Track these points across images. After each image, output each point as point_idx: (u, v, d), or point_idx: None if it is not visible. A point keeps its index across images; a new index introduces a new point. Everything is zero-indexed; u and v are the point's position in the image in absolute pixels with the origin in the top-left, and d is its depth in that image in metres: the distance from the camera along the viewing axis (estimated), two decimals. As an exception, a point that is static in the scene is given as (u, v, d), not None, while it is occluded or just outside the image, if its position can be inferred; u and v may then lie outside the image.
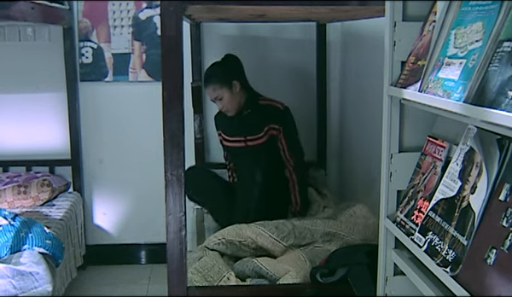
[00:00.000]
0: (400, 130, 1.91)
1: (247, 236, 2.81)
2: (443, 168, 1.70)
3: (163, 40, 1.99)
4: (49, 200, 4.22)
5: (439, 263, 1.50)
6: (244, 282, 2.62)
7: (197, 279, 2.53)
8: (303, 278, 2.47)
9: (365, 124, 3.81)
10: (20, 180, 4.20)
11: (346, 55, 4.34)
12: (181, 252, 2.09)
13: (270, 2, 2.32)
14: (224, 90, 3.53)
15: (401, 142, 1.92)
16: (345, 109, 4.39)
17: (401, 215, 1.84)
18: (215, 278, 2.57)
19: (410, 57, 1.82)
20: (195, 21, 4.16)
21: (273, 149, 3.51)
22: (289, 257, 2.69)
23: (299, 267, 2.55)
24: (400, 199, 1.92)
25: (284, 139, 3.49)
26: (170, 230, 2.06)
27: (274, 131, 3.49)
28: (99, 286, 4.24)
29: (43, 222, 3.58)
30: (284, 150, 3.49)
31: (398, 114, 1.89)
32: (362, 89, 3.92)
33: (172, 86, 1.98)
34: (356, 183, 4.13)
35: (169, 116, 2.00)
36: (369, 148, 3.68)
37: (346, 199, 4.06)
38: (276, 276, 2.53)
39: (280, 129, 3.49)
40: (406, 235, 1.75)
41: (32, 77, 4.42)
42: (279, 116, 3.53)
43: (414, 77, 1.73)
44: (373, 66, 3.56)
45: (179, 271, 2.11)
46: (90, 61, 4.39)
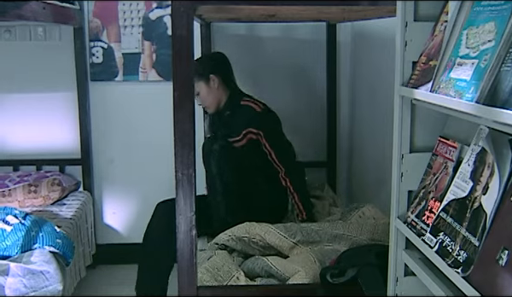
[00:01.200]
0: (411, 130, 1.91)
1: (256, 233, 2.81)
2: (454, 169, 1.69)
3: (174, 40, 1.99)
4: (60, 200, 4.24)
5: (450, 263, 1.49)
6: (253, 280, 2.62)
7: (207, 279, 2.53)
8: (312, 278, 2.47)
9: (375, 124, 3.81)
10: (30, 179, 4.22)
11: (357, 55, 4.33)
12: (191, 252, 2.09)
13: (281, 2, 2.32)
14: (200, 83, 3.45)
15: (412, 142, 1.92)
16: (355, 110, 4.38)
17: (412, 215, 1.84)
18: (224, 278, 2.57)
19: (422, 57, 1.81)
20: (206, 21, 4.16)
21: (255, 155, 3.34)
22: (299, 257, 2.68)
23: (309, 267, 2.55)
24: (411, 199, 1.92)
25: (268, 145, 3.32)
26: (180, 229, 2.06)
27: (253, 136, 3.32)
28: (109, 285, 4.25)
29: (54, 221, 3.59)
30: (272, 156, 3.33)
31: (409, 115, 1.88)
32: (372, 89, 3.91)
33: (183, 86, 1.98)
34: (365, 183, 4.13)
35: (180, 116, 2.00)
36: (380, 149, 3.67)
37: (356, 199, 4.06)
38: (285, 275, 2.53)
39: (260, 133, 3.32)
40: (417, 236, 1.74)
41: (43, 76, 4.43)
42: (256, 119, 3.37)
43: (425, 77, 1.73)
44: (383, 67, 3.55)
45: (189, 271, 2.12)
46: (101, 61, 4.41)
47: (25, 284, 2.92)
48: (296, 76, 4.50)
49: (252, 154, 3.33)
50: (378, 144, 3.74)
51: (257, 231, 2.80)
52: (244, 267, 2.69)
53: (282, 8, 2.73)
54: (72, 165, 4.52)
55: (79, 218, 4.05)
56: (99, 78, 4.43)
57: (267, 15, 3.38)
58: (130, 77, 4.42)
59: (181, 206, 2.04)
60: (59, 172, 4.46)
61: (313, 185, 4.19)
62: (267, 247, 2.79)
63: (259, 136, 3.32)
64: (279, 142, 3.43)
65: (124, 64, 4.41)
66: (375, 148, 3.85)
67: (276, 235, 2.78)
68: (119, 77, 4.42)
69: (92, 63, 4.41)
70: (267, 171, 3.34)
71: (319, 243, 2.84)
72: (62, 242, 3.33)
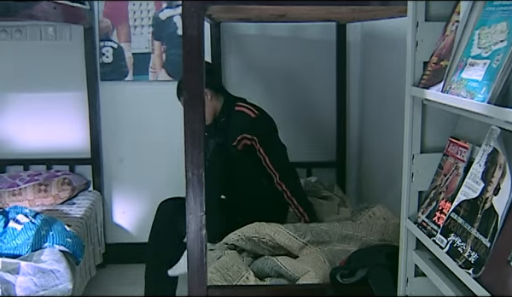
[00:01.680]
0: (422, 130, 1.90)
1: (266, 233, 2.81)
2: (465, 169, 1.69)
3: (184, 40, 1.99)
4: (70, 199, 4.25)
5: (461, 264, 1.49)
6: (263, 280, 2.62)
7: (216, 278, 2.53)
8: (322, 278, 2.47)
9: (385, 124, 3.80)
10: (40, 179, 4.23)
11: (366, 55, 4.33)
12: (201, 251, 2.09)
13: (291, 2, 2.31)
14: None
15: (423, 142, 1.91)
16: (364, 110, 4.38)
17: (422, 216, 1.83)
18: (234, 278, 2.57)
19: (433, 57, 1.81)
20: (215, 21, 4.17)
21: (251, 161, 3.31)
22: (308, 257, 2.68)
23: (319, 267, 2.55)
24: (422, 200, 1.91)
25: (263, 150, 3.28)
26: (190, 229, 2.06)
27: (247, 141, 3.29)
28: (118, 285, 4.26)
29: (64, 220, 3.60)
30: (266, 162, 3.29)
31: (420, 115, 1.88)
32: (382, 89, 3.90)
33: (194, 86, 1.99)
34: (375, 183, 4.12)
35: (190, 115, 2.00)
36: (389, 149, 3.66)
37: (365, 199, 4.06)
38: (295, 275, 2.52)
39: (254, 139, 3.28)
40: (428, 237, 1.74)
41: (53, 76, 4.45)
42: (250, 125, 3.34)
43: (436, 77, 1.72)
44: (393, 67, 3.54)
45: (199, 271, 2.12)
46: (111, 61, 4.42)
47: (35, 283, 2.94)
48: (306, 76, 4.49)
49: (247, 159, 3.31)
50: (388, 144, 3.73)
51: (266, 231, 2.80)
52: (254, 267, 2.69)
53: (291, 8, 2.73)
54: (82, 164, 4.53)
55: (89, 217, 4.06)
56: (109, 77, 4.44)
57: (277, 15, 3.38)
58: (140, 77, 4.43)
59: (191, 206, 2.04)
60: (69, 172, 4.47)
61: (322, 185, 4.19)
62: (277, 247, 2.79)
63: (254, 141, 3.28)
64: (273, 147, 3.39)
65: (134, 64, 4.42)
66: (384, 149, 3.85)
67: (286, 236, 2.78)
68: (129, 77, 4.43)
69: (102, 63, 4.42)
70: (263, 176, 3.31)
71: (329, 243, 2.84)
72: (72, 241, 3.34)
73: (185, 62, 1.98)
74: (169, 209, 3.39)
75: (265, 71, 4.50)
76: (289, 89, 4.50)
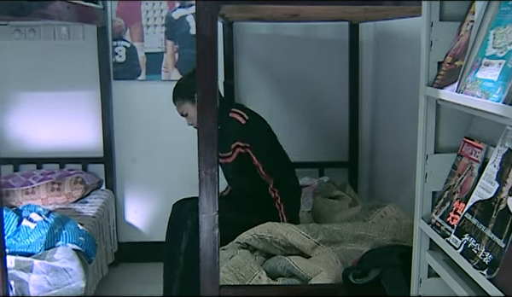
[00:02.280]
0: (436, 130, 1.89)
1: (278, 233, 2.80)
2: (480, 170, 1.68)
3: (198, 40, 2.00)
4: (82, 198, 4.27)
5: (475, 265, 1.48)
6: (275, 280, 2.62)
7: (229, 278, 2.53)
8: (335, 279, 2.46)
9: (397, 124, 3.79)
10: (53, 177, 4.25)
11: (379, 55, 4.32)
12: (214, 251, 2.09)
13: (304, 2, 2.31)
14: (186, 105, 3.39)
15: (437, 142, 1.90)
16: (377, 110, 4.37)
17: (436, 216, 1.83)
18: (246, 277, 2.57)
19: (447, 57, 1.80)
20: (228, 21, 4.17)
21: (247, 169, 3.28)
22: (321, 257, 2.68)
23: (331, 267, 2.54)
24: (435, 200, 1.91)
25: (256, 158, 3.22)
26: (203, 228, 2.07)
27: (241, 149, 3.24)
28: (131, 283, 4.27)
29: (76, 219, 3.62)
30: (260, 169, 3.23)
31: (434, 115, 1.87)
32: (394, 89, 3.90)
33: (207, 86, 1.99)
34: (387, 183, 4.12)
35: (204, 115, 2.00)
36: (402, 149, 3.66)
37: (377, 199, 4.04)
38: (307, 275, 2.52)
39: (248, 146, 3.23)
40: (441, 237, 1.73)
41: (66, 75, 4.47)
42: (242, 132, 3.26)
43: (451, 77, 1.72)
44: (406, 67, 3.54)
45: (212, 270, 2.12)
46: (124, 60, 4.43)
47: (48, 281, 2.95)
48: (318, 76, 4.49)
49: (243, 168, 3.28)
50: (400, 145, 3.72)
51: (279, 231, 2.80)
52: (266, 267, 2.69)
53: (304, 8, 2.73)
54: (94, 163, 4.55)
55: (102, 216, 4.08)
56: (122, 77, 4.46)
57: (290, 15, 3.37)
58: (153, 76, 4.44)
59: (204, 205, 2.04)
60: (82, 171, 4.49)
61: (335, 185, 4.19)
62: (289, 246, 2.79)
63: (247, 149, 3.23)
64: (267, 153, 3.29)
65: (146, 63, 4.43)
66: (397, 149, 3.84)
67: (298, 235, 2.77)
68: (142, 76, 4.45)
69: (115, 62, 4.44)
70: (260, 183, 3.27)
71: (341, 243, 2.83)
72: (85, 240, 3.35)
73: (199, 62, 1.99)
74: (183, 210, 3.36)
75: (278, 71, 4.50)
76: (302, 89, 4.50)
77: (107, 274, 4.05)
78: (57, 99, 4.50)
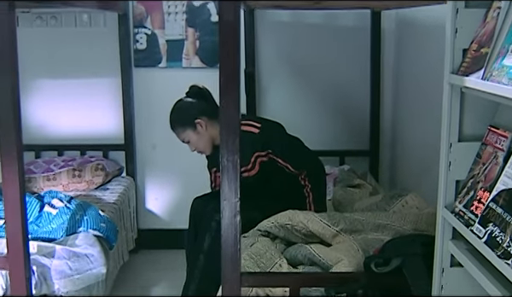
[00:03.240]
0: (460, 119, 1.87)
1: (299, 221, 2.79)
2: (505, 158, 1.66)
3: (221, 26, 1.98)
4: (103, 185, 4.29)
5: (499, 255, 1.47)
6: (296, 268, 2.62)
7: (249, 265, 2.53)
8: (356, 267, 2.45)
9: (420, 112, 3.76)
10: (74, 164, 4.27)
11: (401, 42, 4.29)
12: (235, 238, 2.09)
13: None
14: (187, 133, 3.31)
15: (461, 131, 1.88)
16: (398, 98, 4.34)
17: (460, 205, 1.81)
18: (267, 265, 2.57)
19: (473, 45, 1.77)
20: (249, 8, 4.16)
21: (272, 174, 3.22)
22: (342, 245, 2.67)
23: (352, 256, 2.53)
24: (459, 189, 1.89)
25: (282, 160, 3.15)
26: (225, 215, 2.06)
27: (263, 158, 3.17)
28: (151, 270, 4.30)
29: (97, 205, 3.64)
30: (290, 169, 3.17)
31: (458, 103, 1.85)
32: (416, 77, 3.87)
33: (230, 72, 1.97)
34: (408, 172, 4.09)
35: (226, 102, 1.99)
36: (424, 138, 3.63)
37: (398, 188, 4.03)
38: (328, 263, 2.51)
39: (269, 153, 3.15)
40: (465, 226, 1.71)
41: (88, 62, 4.49)
42: (258, 141, 3.14)
43: (476, 65, 1.69)
44: (428, 55, 3.51)
45: (233, 257, 2.11)
46: (145, 47, 4.44)
47: (70, 266, 2.97)
48: (339, 64, 4.47)
49: (269, 175, 3.22)
50: (422, 133, 3.70)
51: (300, 219, 2.79)
52: (287, 254, 2.69)
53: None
54: (115, 150, 4.57)
55: (122, 202, 4.10)
56: (143, 64, 4.47)
57: (312, 2, 3.35)
58: (174, 63, 4.45)
59: (226, 192, 2.03)
60: (102, 158, 4.51)
61: (355, 174, 4.17)
62: (310, 234, 2.78)
63: (269, 155, 3.16)
64: (290, 152, 3.22)
65: (167, 50, 4.44)
66: (418, 137, 3.81)
67: (319, 224, 2.76)
68: (163, 63, 4.45)
69: (136, 49, 4.45)
70: (289, 180, 3.22)
71: (362, 232, 2.81)
72: (106, 226, 3.37)
73: (221, 48, 1.97)
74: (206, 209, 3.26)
75: (299, 59, 4.49)
76: (323, 77, 4.48)
77: (127, 260, 4.08)
78: (78, 86, 4.52)
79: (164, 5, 4.38)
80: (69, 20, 4.41)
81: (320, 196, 3.26)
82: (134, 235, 4.43)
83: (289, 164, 3.16)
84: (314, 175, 3.23)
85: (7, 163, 2.21)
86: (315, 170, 3.27)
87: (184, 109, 3.35)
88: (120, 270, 3.87)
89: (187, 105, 3.35)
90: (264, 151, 3.15)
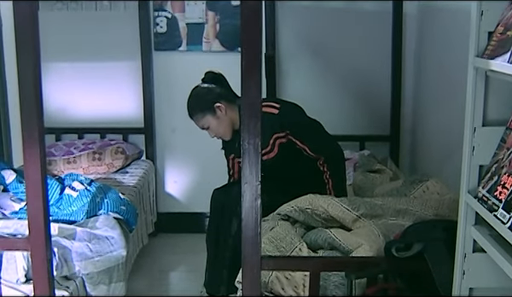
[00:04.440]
0: (484, 103, 1.85)
1: (319, 205, 2.78)
2: (530, 143, 1.64)
3: (243, 8, 1.97)
4: (123, 168, 4.31)
5: (524, 240, 1.45)
6: (316, 252, 2.61)
7: (269, 249, 2.53)
8: (376, 252, 2.44)
9: (442, 97, 3.73)
10: (94, 147, 4.29)
11: (423, 27, 4.24)
12: (256, 221, 2.08)
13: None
14: (206, 118, 3.28)
15: (485, 115, 1.85)
16: (420, 82, 4.31)
17: (483, 190, 1.79)
18: (287, 249, 2.57)
19: (499, 28, 1.75)
20: (270, -7, 4.14)
21: (292, 156, 3.19)
22: (362, 230, 2.66)
23: (373, 241, 2.52)
24: (482, 174, 1.87)
25: (300, 142, 3.12)
26: (245, 198, 2.05)
27: (282, 139, 3.14)
28: (170, 253, 4.32)
29: (117, 188, 3.65)
30: (307, 152, 3.14)
31: (483, 86, 1.82)
32: (439, 61, 3.83)
33: (252, 55, 1.96)
34: (429, 157, 4.07)
35: (247, 85, 1.98)
36: (445, 122, 3.60)
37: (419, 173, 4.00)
38: (348, 248, 2.50)
39: (287, 134, 3.12)
40: (488, 211, 1.70)
41: (108, 46, 4.50)
42: (278, 122, 3.11)
43: (502, 48, 1.67)
44: (451, 38, 3.47)
45: (254, 241, 2.11)
46: (165, 31, 4.44)
47: (90, 249, 2.99)
48: (360, 48, 4.44)
49: (288, 158, 3.19)
50: (444, 118, 3.67)
51: (320, 203, 2.78)
52: (306, 239, 2.68)
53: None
54: (135, 133, 4.58)
55: (142, 186, 4.11)
56: (163, 47, 4.47)
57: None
58: (194, 47, 4.44)
59: (247, 175, 2.03)
60: (122, 141, 4.53)
61: (375, 159, 4.15)
62: (330, 219, 2.77)
63: (289, 136, 3.13)
64: (309, 133, 3.19)
65: (187, 34, 4.43)
66: (440, 122, 3.78)
67: (340, 208, 2.75)
68: (183, 47, 4.45)
69: (156, 33, 4.44)
70: (308, 165, 3.19)
71: (382, 217, 2.80)
72: (126, 209, 3.38)
73: (243, 31, 1.96)
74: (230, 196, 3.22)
75: (319, 43, 4.46)
76: (343, 61, 4.45)
77: (146, 244, 4.09)
78: (99, 69, 4.53)
79: (184, -12, 4.37)
80: (90, 4, 4.42)
81: (339, 182, 3.23)
82: (153, 218, 4.45)
83: (307, 146, 3.14)
84: (333, 161, 3.20)
85: (28, 145, 2.21)
86: (334, 155, 3.24)
87: (203, 95, 3.32)
88: (140, 253, 3.89)
89: (205, 91, 3.32)
90: (283, 132, 3.12)
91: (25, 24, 2.14)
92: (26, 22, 2.14)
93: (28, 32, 2.15)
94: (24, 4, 2.13)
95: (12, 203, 3.35)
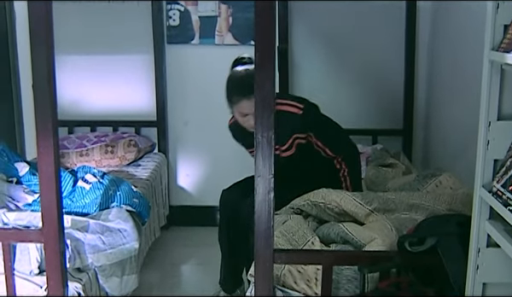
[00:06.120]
0: (500, 97, 1.83)
1: (332, 199, 2.78)
2: (546, 138, 1.63)
3: (257, 1, 1.97)
4: (135, 161, 4.32)
5: (539, 235, 1.44)
6: (328, 246, 2.61)
7: (282, 242, 2.53)
8: (389, 246, 2.43)
9: (456, 91, 3.71)
10: (107, 140, 4.30)
11: (437, 20, 4.22)
12: (269, 214, 2.08)
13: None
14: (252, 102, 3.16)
15: (500, 109, 1.84)
16: (433, 76, 4.28)
17: (498, 185, 1.78)
18: (299, 242, 2.57)
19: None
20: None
21: (308, 156, 3.15)
22: (375, 224, 2.65)
23: (385, 235, 2.51)
24: (497, 168, 1.85)
25: (321, 143, 3.11)
26: (258, 191, 2.05)
27: (302, 140, 3.12)
28: (182, 246, 4.33)
29: (130, 181, 3.66)
30: (327, 152, 3.13)
31: (498, 80, 1.81)
32: (453, 55, 3.81)
33: (265, 48, 1.96)
34: (442, 152, 4.05)
35: (261, 78, 1.98)
36: (459, 117, 3.58)
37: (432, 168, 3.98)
38: (361, 242, 2.50)
39: (309, 136, 3.11)
40: (503, 206, 1.68)
41: (121, 39, 4.50)
42: (299, 124, 3.09)
43: (518, 41, 1.66)
44: (465, 32, 3.45)
45: (266, 234, 2.11)
46: (178, 24, 4.44)
47: (103, 241, 3.00)
48: (373, 41, 4.42)
49: (303, 157, 3.16)
50: (457, 112, 3.64)
51: (333, 197, 2.77)
52: (319, 232, 2.68)
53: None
54: (147, 126, 4.59)
55: (154, 179, 4.12)
56: (175, 40, 4.47)
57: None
58: (207, 40, 4.44)
59: (260, 168, 2.03)
60: (135, 134, 4.53)
61: (388, 153, 4.14)
62: (342, 213, 2.77)
63: (309, 137, 3.12)
64: (330, 135, 3.20)
65: (200, 27, 4.43)
66: (453, 117, 3.76)
67: (352, 202, 2.74)
68: (196, 40, 4.45)
69: (169, 26, 4.44)
70: (323, 163, 3.18)
71: (395, 212, 2.79)
72: (139, 202, 3.39)
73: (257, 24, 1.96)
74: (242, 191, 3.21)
75: (332, 36, 4.44)
76: (356, 54, 4.43)
77: (159, 236, 4.10)
78: (111, 62, 4.54)
79: (197, -19, 4.37)
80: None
81: (357, 180, 3.24)
82: (165, 211, 4.46)
83: (328, 148, 3.13)
84: (351, 159, 3.21)
85: (42, 138, 2.22)
86: (352, 154, 3.26)
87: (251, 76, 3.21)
88: (151, 246, 3.90)
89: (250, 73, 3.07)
90: (304, 133, 3.11)
91: (39, 16, 2.15)
92: (40, 15, 2.15)
93: (42, 24, 2.16)
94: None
95: (25, 195, 3.37)
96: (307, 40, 4.46)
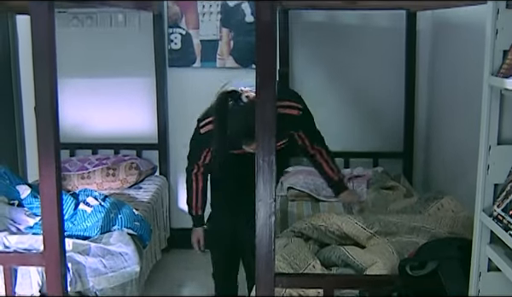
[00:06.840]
0: (500, 121, 1.84)
1: (333, 222, 2.78)
2: (546, 162, 1.63)
3: (258, 26, 1.98)
4: (136, 183, 4.33)
5: (540, 260, 1.44)
6: (329, 269, 2.61)
7: (283, 266, 2.52)
8: (390, 270, 2.43)
9: (455, 115, 3.72)
10: (108, 163, 4.31)
11: (437, 44, 4.24)
12: (270, 238, 2.08)
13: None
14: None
15: (500, 133, 1.85)
16: (434, 100, 4.30)
17: (498, 209, 1.78)
18: (301, 266, 2.56)
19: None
20: (284, 8, 4.15)
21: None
22: (376, 248, 2.65)
23: (387, 258, 2.51)
24: (497, 193, 1.86)
25: (308, 140, 3.12)
26: (259, 216, 2.05)
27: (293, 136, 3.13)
28: (183, 269, 4.32)
29: (131, 204, 3.67)
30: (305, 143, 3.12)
31: (498, 105, 1.82)
32: (452, 79, 3.82)
33: (266, 71, 1.97)
34: (443, 175, 4.05)
35: (262, 101, 1.99)
36: (459, 140, 3.59)
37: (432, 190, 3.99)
38: (362, 265, 2.50)
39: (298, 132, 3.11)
40: (504, 230, 1.69)
41: (122, 62, 4.53)
42: (297, 123, 3.08)
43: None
44: (465, 57, 3.47)
45: (267, 258, 2.11)
46: (179, 47, 4.46)
47: (104, 264, 2.99)
48: (373, 65, 4.44)
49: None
50: (457, 136, 3.65)
51: (334, 220, 2.78)
52: (320, 256, 2.68)
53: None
54: (149, 149, 4.60)
55: (156, 201, 4.12)
56: (177, 64, 4.49)
57: (347, 2, 3.33)
58: (208, 63, 4.46)
59: (261, 193, 2.03)
60: (136, 156, 4.54)
61: (389, 176, 4.14)
62: (344, 236, 2.77)
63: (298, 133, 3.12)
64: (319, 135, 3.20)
65: (201, 51, 4.45)
66: (454, 140, 3.77)
67: (354, 226, 2.75)
68: (197, 63, 4.47)
69: (171, 49, 4.47)
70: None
71: (397, 235, 2.79)
72: (140, 225, 3.39)
73: (258, 48, 1.97)
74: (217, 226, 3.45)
75: (332, 58, 4.47)
76: (356, 77, 4.45)
77: (160, 259, 4.09)
78: (113, 85, 4.56)
79: (198, 5, 4.39)
80: (105, 20, 4.46)
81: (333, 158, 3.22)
82: (166, 234, 4.45)
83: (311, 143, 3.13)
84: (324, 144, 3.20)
85: (44, 161, 2.23)
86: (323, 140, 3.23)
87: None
88: (153, 268, 3.89)
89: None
90: (296, 132, 3.12)
91: (42, 39, 2.16)
92: (44, 39, 2.16)
93: (45, 47, 2.17)
94: (41, 21, 2.15)
95: (27, 218, 3.37)
96: (308, 64, 4.48)
